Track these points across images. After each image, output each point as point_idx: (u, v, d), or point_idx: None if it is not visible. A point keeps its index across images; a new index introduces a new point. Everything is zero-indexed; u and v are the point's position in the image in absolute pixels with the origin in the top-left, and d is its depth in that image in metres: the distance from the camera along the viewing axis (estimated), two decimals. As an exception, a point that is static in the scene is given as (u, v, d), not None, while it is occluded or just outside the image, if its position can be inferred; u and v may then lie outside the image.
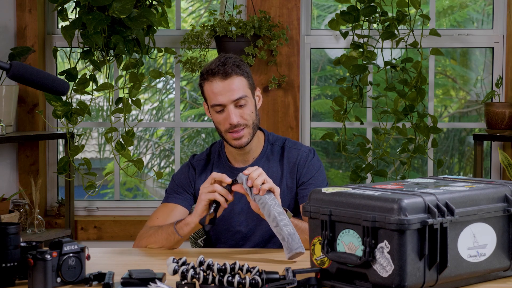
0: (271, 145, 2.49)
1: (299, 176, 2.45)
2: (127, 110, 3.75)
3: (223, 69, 2.33)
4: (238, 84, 2.34)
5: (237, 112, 2.34)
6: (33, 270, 1.73)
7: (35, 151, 3.97)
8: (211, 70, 2.34)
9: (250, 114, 2.36)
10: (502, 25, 3.98)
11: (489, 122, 3.80)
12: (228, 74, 2.33)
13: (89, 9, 3.58)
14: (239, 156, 2.45)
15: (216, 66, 2.34)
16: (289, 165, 2.45)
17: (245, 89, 2.35)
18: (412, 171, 3.99)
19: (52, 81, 1.82)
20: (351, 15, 3.74)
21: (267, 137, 2.50)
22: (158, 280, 1.70)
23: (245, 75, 2.37)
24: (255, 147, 2.45)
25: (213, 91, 2.34)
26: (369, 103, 3.97)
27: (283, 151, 2.48)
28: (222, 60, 2.35)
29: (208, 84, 2.35)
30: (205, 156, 2.52)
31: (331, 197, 1.74)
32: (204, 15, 5.82)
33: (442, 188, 1.77)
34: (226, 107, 2.33)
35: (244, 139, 2.36)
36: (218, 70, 2.33)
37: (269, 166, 2.45)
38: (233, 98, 2.32)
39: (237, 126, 2.33)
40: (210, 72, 2.34)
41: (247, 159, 2.45)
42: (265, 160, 2.46)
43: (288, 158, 2.46)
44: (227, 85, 2.33)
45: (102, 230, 4.00)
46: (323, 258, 1.76)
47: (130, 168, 3.89)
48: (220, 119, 2.36)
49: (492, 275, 1.81)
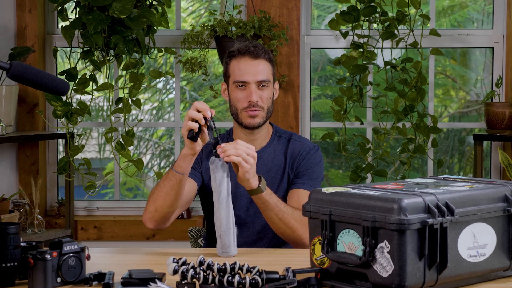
0: (278, 137, 2.55)
1: (297, 165, 2.50)
2: (127, 110, 3.76)
3: (254, 50, 2.43)
4: (265, 68, 2.44)
5: (258, 93, 2.43)
6: (33, 270, 1.73)
7: (35, 151, 3.97)
8: (241, 49, 2.45)
9: (268, 99, 2.45)
10: (502, 25, 3.98)
11: (489, 122, 3.80)
12: (258, 55, 2.44)
13: (89, 9, 3.58)
14: (247, 142, 2.46)
15: (246, 46, 2.44)
16: (292, 157, 2.51)
17: (269, 74, 2.46)
18: (412, 171, 3.99)
19: (52, 81, 1.82)
20: (351, 15, 3.74)
21: (275, 129, 2.57)
22: (158, 280, 1.70)
23: (271, 63, 2.48)
24: (264, 136, 2.52)
25: (239, 68, 2.43)
26: (369, 103, 3.97)
27: (288, 143, 2.54)
28: (253, 43, 2.47)
29: (236, 61, 2.45)
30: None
31: (331, 197, 1.74)
32: (204, 15, 5.82)
33: (442, 188, 1.77)
34: (249, 86, 2.42)
35: (258, 119, 2.44)
36: (248, 49, 2.43)
37: (275, 156, 2.51)
38: (258, 78, 2.42)
39: (254, 106, 2.41)
40: (241, 51, 2.45)
41: (255, 146, 2.47)
42: (271, 150, 2.52)
43: (292, 149, 2.52)
44: (255, 65, 2.43)
45: (102, 230, 4.00)
46: (323, 258, 1.76)
47: (130, 168, 3.90)
48: (240, 96, 2.43)
49: (492, 275, 1.80)
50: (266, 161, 2.50)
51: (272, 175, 2.48)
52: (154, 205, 2.30)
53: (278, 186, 2.48)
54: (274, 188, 2.46)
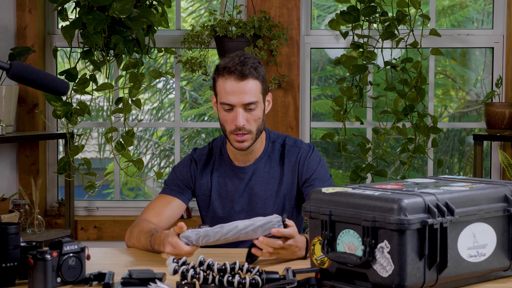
0: (272, 143, 2.49)
1: (300, 174, 2.44)
2: (127, 110, 3.75)
3: (241, 70, 2.29)
4: (252, 88, 2.31)
5: (245, 116, 2.32)
6: (33, 270, 1.73)
7: (35, 151, 3.97)
8: (228, 68, 2.30)
9: (257, 120, 2.34)
10: (502, 25, 3.98)
11: (489, 122, 3.80)
12: (245, 75, 2.29)
13: (89, 9, 3.58)
14: (241, 156, 2.45)
15: (234, 64, 2.30)
16: (290, 164, 2.45)
17: (257, 94, 2.33)
18: (412, 171, 3.99)
19: (52, 81, 1.82)
20: (351, 15, 3.74)
21: (268, 135, 2.50)
22: (158, 280, 1.70)
23: (260, 79, 2.34)
24: (257, 148, 2.45)
25: (225, 90, 2.31)
26: (369, 103, 3.97)
27: (283, 149, 2.48)
28: (241, 59, 2.31)
29: (222, 80, 2.32)
30: (207, 151, 2.51)
31: (331, 197, 1.74)
32: (204, 15, 5.81)
33: (442, 188, 1.77)
34: (235, 108, 2.31)
35: (246, 143, 2.35)
36: (235, 69, 2.29)
37: (270, 166, 2.46)
38: (244, 101, 2.30)
39: (241, 130, 2.32)
40: (227, 70, 2.30)
41: (249, 159, 2.46)
42: (267, 159, 2.46)
43: (288, 157, 2.46)
44: (241, 87, 2.30)
45: (102, 230, 4.00)
46: (323, 258, 1.76)
47: (130, 168, 3.90)
48: (227, 118, 2.34)
49: (492, 275, 1.81)
50: (263, 172, 2.45)
51: (270, 186, 2.45)
52: (133, 245, 2.32)
53: (276, 197, 2.45)
54: (272, 199, 2.44)
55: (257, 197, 2.43)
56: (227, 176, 2.46)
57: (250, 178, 2.44)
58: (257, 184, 2.44)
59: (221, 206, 2.45)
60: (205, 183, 2.47)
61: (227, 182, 2.46)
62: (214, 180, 2.46)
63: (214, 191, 2.46)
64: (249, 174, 2.44)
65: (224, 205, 2.45)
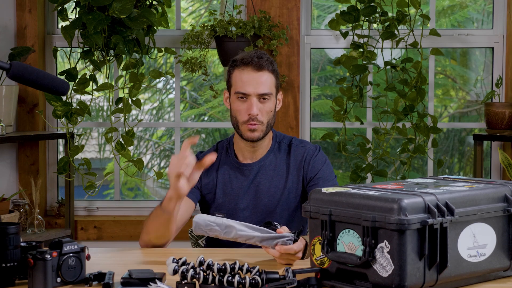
0: (278, 143, 2.53)
1: (305, 173, 2.48)
2: (127, 110, 3.76)
3: (258, 61, 2.39)
4: (267, 80, 2.40)
5: (259, 106, 2.39)
6: (33, 270, 1.73)
7: (35, 151, 3.97)
8: (245, 59, 2.40)
9: (269, 112, 2.42)
10: (502, 25, 3.98)
11: (489, 122, 3.80)
12: (262, 67, 2.39)
13: (89, 9, 3.58)
14: (248, 153, 2.48)
15: (251, 56, 2.39)
16: (296, 162, 2.49)
17: (271, 87, 2.42)
18: (412, 171, 3.99)
19: (52, 81, 1.82)
20: (351, 15, 3.74)
21: (275, 135, 2.55)
22: (158, 280, 1.70)
23: (274, 74, 2.44)
24: (265, 146, 2.50)
25: (242, 79, 2.39)
26: (369, 103, 3.97)
27: (290, 148, 2.52)
28: (258, 53, 2.41)
29: (239, 71, 2.41)
30: (213, 151, 2.53)
31: (331, 197, 1.74)
32: (204, 15, 5.81)
33: (442, 188, 1.77)
34: (250, 98, 2.38)
35: (257, 133, 2.40)
36: (252, 60, 2.39)
37: (276, 163, 2.49)
38: (260, 91, 2.38)
39: (254, 120, 2.38)
40: (244, 61, 2.40)
41: (256, 156, 2.49)
42: (273, 156, 2.50)
43: (294, 155, 2.50)
44: (257, 77, 2.38)
45: (102, 230, 4.00)
46: (323, 258, 1.76)
47: (130, 168, 3.90)
48: (241, 108, 2.40)
49: (492, 275, 1.81)
50: (268, 170, 2.49)
51: (275, 184, 2.47)
52: (148, 237, 2.31)
53: (281, 195, 2.47)
54: (277, 196, 2.46)
55: (262, 194, 2.46)
56: (232, 173, 2.49)
57: (255, 175, 2.47)
58: (263, 181, 2.46)
59: (226, 202, 2.47)
60: (211, 180, 2.50)
61: (232, 179, 2.48)
62: (219, 177, 2.50)
63: (219, 188, 2.49)
64: (254, 171, 2.47)
65: (229, 201, 2.47)
